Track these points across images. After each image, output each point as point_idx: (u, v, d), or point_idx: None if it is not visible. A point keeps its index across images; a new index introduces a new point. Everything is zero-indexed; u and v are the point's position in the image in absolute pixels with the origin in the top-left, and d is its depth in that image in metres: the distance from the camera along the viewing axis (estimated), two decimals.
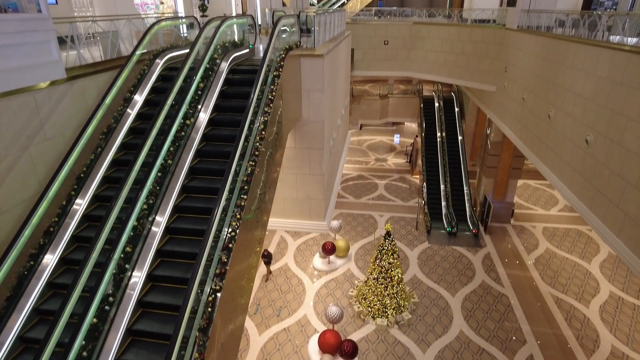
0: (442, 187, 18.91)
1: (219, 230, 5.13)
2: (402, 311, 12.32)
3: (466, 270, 14.76)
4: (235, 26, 9.33)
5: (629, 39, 7.98)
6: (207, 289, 4.69)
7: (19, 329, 4.64)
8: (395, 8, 20.83)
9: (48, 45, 5.62)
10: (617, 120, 7.07)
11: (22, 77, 5.28)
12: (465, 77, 15.78)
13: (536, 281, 14.10)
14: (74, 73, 6.23)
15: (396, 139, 30.23)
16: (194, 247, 5.44)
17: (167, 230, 5.70)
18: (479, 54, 14.95)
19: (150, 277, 5.27)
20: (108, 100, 6.48)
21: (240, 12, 19.29)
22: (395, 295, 12.17)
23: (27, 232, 5.01)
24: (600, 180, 7.47)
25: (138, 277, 4.88)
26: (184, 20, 10.65)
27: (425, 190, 19.04)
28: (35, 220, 5.13)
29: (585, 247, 16.06)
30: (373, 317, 12.17)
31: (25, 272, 5.07)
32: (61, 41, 6.12)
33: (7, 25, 5.00)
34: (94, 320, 4.39)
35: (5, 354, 4.44)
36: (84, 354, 4.22)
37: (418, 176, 22.00)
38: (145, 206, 5.28)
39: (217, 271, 4.83)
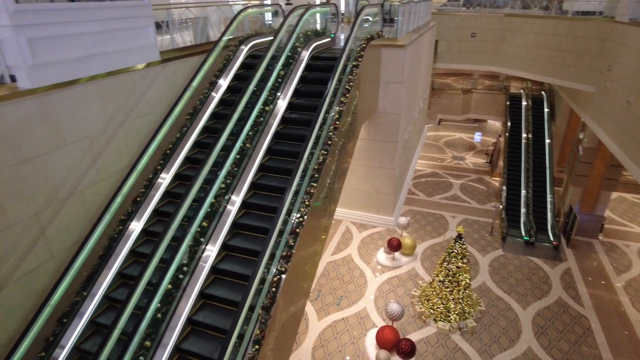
0: (523, 192, 17.62)
1: (289, 214, 5.28)
2: (466, 317, 11.78)
3: (541, 283, 13.68)
4: (318, 15, 9.41)
5: None
6: (273, 269, 4.85)
7: (105, 289, 5.19)
8: None
9: (146, 30, 6.10)
10: None
11: (123, 58, 5.79)
12: (560, 75, 14.46)
13: (625, 306, 12.66)
14: (167, 56, 6.71)
15: (477, 137, 28.63)
16: (267, 223, 5.72)
17: (244, 204, 6.03)
18: (578, 51, 13.59)
19: (224, 247, 5.63)
20: (195, 83, 6.89)
21: (324, 1, 19.41)
22: (460, 300, 11.65)
23: (118, 199, 5.54)
24: None
25: (213, 246, 5.24)
26: (269, 8, 10.96)
27: (504, 194, 17.87)
28: (125, 189, 5.65)
29: None
30: (435, 320, 11.79)
31: (115, 235, 5.63)
32: (157, 26, 6.61)
33: (114, 11, 5.51)
34: (169, 286, 4.75)
35: (93, 310, 5.02)
36: (158, 315, 4.60)
37: (498, 178, 20.73)
38: (223, 185, 5.59)
39: (284, 253, 4.97)
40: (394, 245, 14.18)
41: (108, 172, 5.80)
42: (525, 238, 15.94)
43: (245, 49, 8.00)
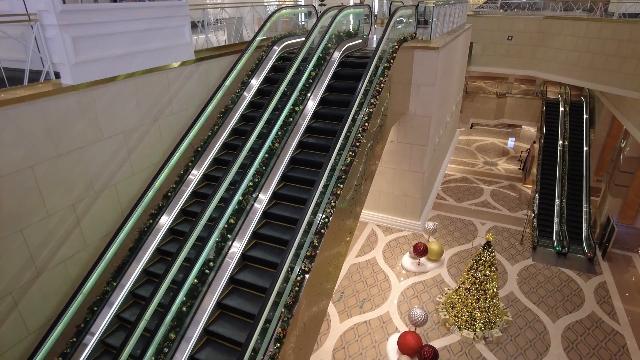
0: (557, 201, 17.00)
1: (314, 215, 5.29)
2: (492, 327, 11.47)
3: (573, 296, 13.15)
4: (351, 16, 9.39)
5: None
6: (296, 269, 4.88)
7: (131, 284, 5.37)
8: (524, 0, 19.05)
9: (183, 30, 6.26)
10: None
11: (160, 57, 5.96)
12: (602, 80, 13.87)
13: None
14: (201, 55, 6.86)
15: (510, 142, 27.83)
16: (296, 214, 5.84)
17: (274, 195, 6.14)
18: (623, 55, 13.00)
19: (254, 235, 5.76)
20: (228, 82, 7.01)
21: (358, 2, 19.36)
22: (486, 309, 11.36)
23: (150, 193, 5.71)
24: None
25: (237, 246, 5.30)
26: (302, 9, 11.02)
27: (537, 202, 17.29)
28: (157, 184, 5.82)
29: None
30: (459, 328, 11.54)
31: (145, 229, 5.80)
32: (192, 25, 6.77)
33: (152, 11, 5.68)
34: (195, 280, 4.86)
35: (121, 301, 5.21)
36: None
37: (530, 186, 20.07)
38: (250, 183, 5.67)
39: (308, 253, 4.99)
40: (420, 250, 13.97)
41: (141, 166, 5.99)
42: (557, 248, 15.36)
43: (277, 49, 8.08)
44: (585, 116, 19.31)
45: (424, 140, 9.11)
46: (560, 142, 18.59)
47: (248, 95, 7.35)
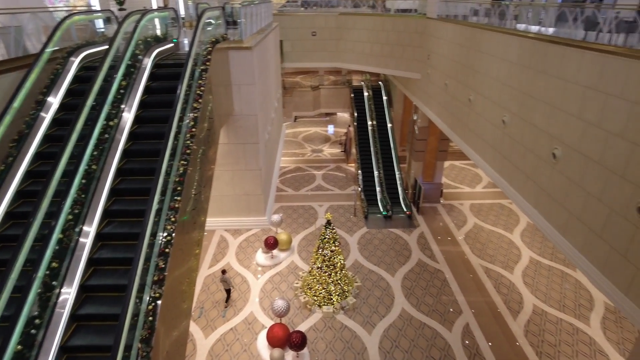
0: (375, 173, 19.57)
1: (154, 235, 4.89)
2: (346, 296, 12.65)
3: (403, 250, 15.47)
4: (157, 20, 8.85)
5: (532, 26, 8.75)
6: (146, 298, 4.46)
7: None
8: None
9: None
10: (527, 101, 7.74)
11: None
12: (391, 66, 16.34)
13: (467, 255, 15.15)
14: None
15: (330, 129, 30.67)
16: (130, 253, 5.13)
17: (99, 236, 5.32)
18: (403, 43, 15.53)
19: (83, 288, 4.90)
20: (16, 103, 5.85)
21: (162, 5, 18.28)
22: (339, 281, 12.45)
23: None
24: (517, 156, 8.17)
25: (69, 293, 4.52)
26: (99, 14, 9.88)
27: (360, 177, 19.61)
28: None
29: (508, 219, 17.53)
30: (319, 306, 12.37)
31: None
32: None
33: None
34: (18, 347, 3.99)
35: None
36: None
37: (353, 164, 22.54)
38: (70, 216, 4.88)
39: (156, 278, 4.61)
40: (271, 244, 14.36)
41: None
42: (383, 213, 17.78)
43: (76, 61, 7.09)
44: (384, 98, 22.53)
45: (254, 138, 9.29)
46: (369, 122, 21.31)
47: (47, 115, 6.28)
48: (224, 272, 12.47)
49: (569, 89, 6.49)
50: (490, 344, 11.19)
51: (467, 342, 11.28)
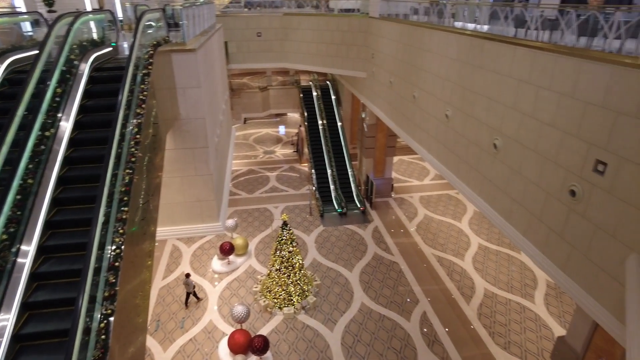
0: (329, 171, 19.77)
1: (102, 249, 4.64)
2: (306, 296, 12.68)
3: (359, 245, 15.75)
4: (92, 23, 8.38)
5: (469, 24, 9.21)
6: (97, 315, 4.23)
7: None
8: None
9: None
10: (468, 95, 8.14)
11: None
12: (337, 65, 16.55)
13: (420, 245, 15.69)
14: None
15: (281, 130, 30.54)
16: (77, 264, 4.85)
17: (42, 250, 4.97)
18: (348, 43, 15.78)
19: (25, 306, 4.55)
20: None
21: (97, 7, 17.31)
22: (298, 281, 12.45)
23: None
24: (461, 148, 8.57)
25: (9, 311, 4.18)
26: (25, 16, 9.20)
27: (314, 176, 19.72)
28: None
29: (456, 209, 18.35)
30: (280, 308, 12.31)
31: None
32: None
33: None
34: None
35: None
36: None
37: (306, 164, 22.62)
38: (5, 236, 4.51)
39: (107, 294, 4.38)
40: (227, 250, 14.08)
41: None
42: (338, 210, 18.00)
43: (2, 67, 6.58)
44: (333, 97, 22.79)
45: (203, 142, 9.06)
46: (320, 122, 21.47)
47: None
48: (187, 275, 12.27)
49: (505, 82, 6.90)
50: (447, 329, 11.68)
51: (425, 329, 11.69)
